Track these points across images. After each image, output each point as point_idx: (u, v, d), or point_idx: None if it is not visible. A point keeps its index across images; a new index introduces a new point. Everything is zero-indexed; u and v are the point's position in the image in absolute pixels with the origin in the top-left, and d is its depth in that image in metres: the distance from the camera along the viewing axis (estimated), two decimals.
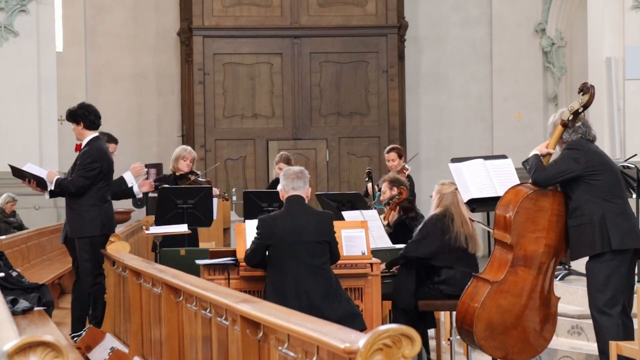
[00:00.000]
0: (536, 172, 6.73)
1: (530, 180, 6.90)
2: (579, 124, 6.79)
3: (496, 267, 6.88)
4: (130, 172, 9.39)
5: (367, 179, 10.83)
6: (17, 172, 8.97)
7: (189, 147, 10.81)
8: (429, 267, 7.80)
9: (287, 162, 10.73)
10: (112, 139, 9.71)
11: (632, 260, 6.80)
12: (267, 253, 6.88)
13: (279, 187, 7.06)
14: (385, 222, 8.94)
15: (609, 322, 6.61)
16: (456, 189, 7.78)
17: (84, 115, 8.88)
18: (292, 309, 6.52)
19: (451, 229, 7.69)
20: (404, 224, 8.87)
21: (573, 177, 6.68)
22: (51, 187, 8.79)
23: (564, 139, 6.83)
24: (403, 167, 10.60)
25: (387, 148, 11.02)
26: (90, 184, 8.70)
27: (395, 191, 9.05)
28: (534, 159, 6.80)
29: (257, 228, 6.92)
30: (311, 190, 7.14)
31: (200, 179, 10.49)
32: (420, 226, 7.87)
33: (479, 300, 6.79)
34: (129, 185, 9.34)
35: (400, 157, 10.69)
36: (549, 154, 6.88)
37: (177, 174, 10.42)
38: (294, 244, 6.77)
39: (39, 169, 9.11)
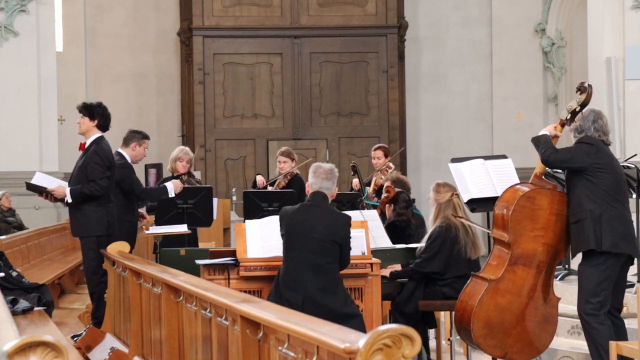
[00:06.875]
0: (547, 151, 6.74)
1: (531, 179, 6.91)
2: (577, 123, 6.83)
3: (494, 266, 6.88)
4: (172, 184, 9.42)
5: (352, 174, 10.74)
6: (33, 187, 8.95)
7: (186, 148, 10.81)
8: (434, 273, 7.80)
9: (288, 155, 10.82)
10: (145, 136, 9.63)
11: (625, 265, 6.81)
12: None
13: (308, 182, 7.06)
14: None
15: (597, 323, 6.62)
16: (453, 194, 7.74)
17: (102, 114, 8.90)
18: (288, 298, 6.60)
19: (459, 240, 7.68)
20: (394, 224, 8.84)
21: (577, 170, 6.70)
22: (69, 199, 8.74)
23: (573, 136, 6.86)
24: (387, 165, 10.66)
25: (375, 146, 11.08)
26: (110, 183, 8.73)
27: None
28: (545, 138, 6.82)
29: (279, 219, 6.98)
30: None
31: (192, 180, 10.48)
32: (429, 241, 7.77)
33: (477, 298, 6.79)
34: (170, 195, 9.37)
35: (386, 155, 10.76)
36: (557, 137, 6.90)
37: (175, 174, 10.43)
38: (302, 238, 6.78)
39: (47, 179, 9.04)
